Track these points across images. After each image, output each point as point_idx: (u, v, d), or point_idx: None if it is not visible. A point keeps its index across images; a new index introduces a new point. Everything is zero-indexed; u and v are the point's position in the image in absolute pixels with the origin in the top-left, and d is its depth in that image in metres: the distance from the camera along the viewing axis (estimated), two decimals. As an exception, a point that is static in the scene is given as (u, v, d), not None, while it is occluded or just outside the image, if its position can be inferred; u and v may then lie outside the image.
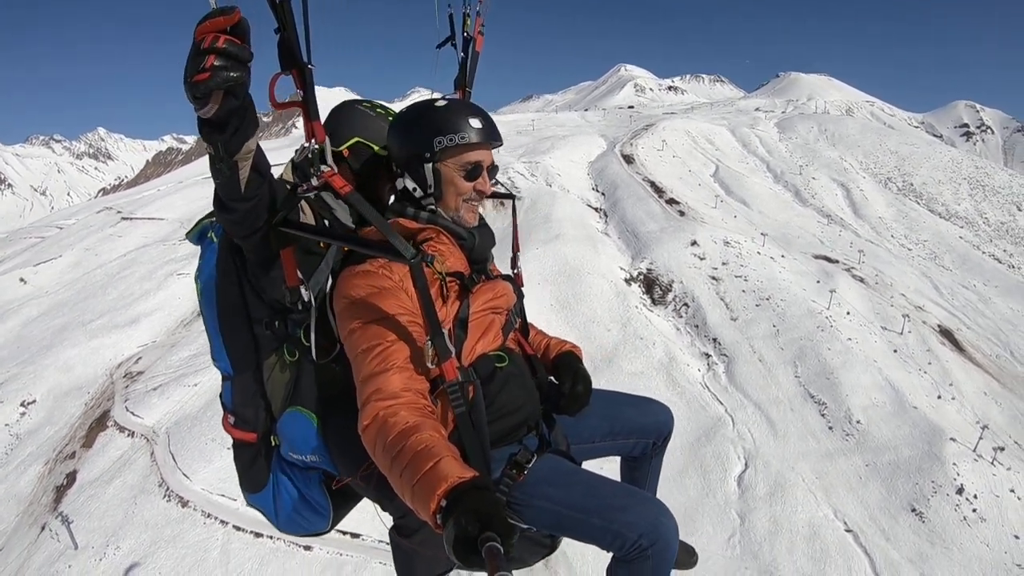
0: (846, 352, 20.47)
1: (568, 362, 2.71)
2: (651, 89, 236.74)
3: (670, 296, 26.55)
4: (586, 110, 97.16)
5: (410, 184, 2.47)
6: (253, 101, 1.88)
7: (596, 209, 36.03)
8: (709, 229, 30.40)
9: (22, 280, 40.62)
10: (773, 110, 62.39)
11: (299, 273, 2.42)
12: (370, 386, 2.10)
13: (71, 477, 25.05)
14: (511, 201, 3.11)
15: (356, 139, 2.85)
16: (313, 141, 2.21)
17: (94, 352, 26.90)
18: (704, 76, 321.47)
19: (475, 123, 2.39)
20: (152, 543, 17.05)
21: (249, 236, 2.26)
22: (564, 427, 2.66)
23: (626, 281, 27.98)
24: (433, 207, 2.48)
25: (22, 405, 30.04)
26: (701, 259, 27.89)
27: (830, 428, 17.60)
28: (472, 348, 2.34)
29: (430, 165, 2.41)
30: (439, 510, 1.77)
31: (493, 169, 2.53)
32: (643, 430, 2.84)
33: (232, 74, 1.66)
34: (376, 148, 2.84)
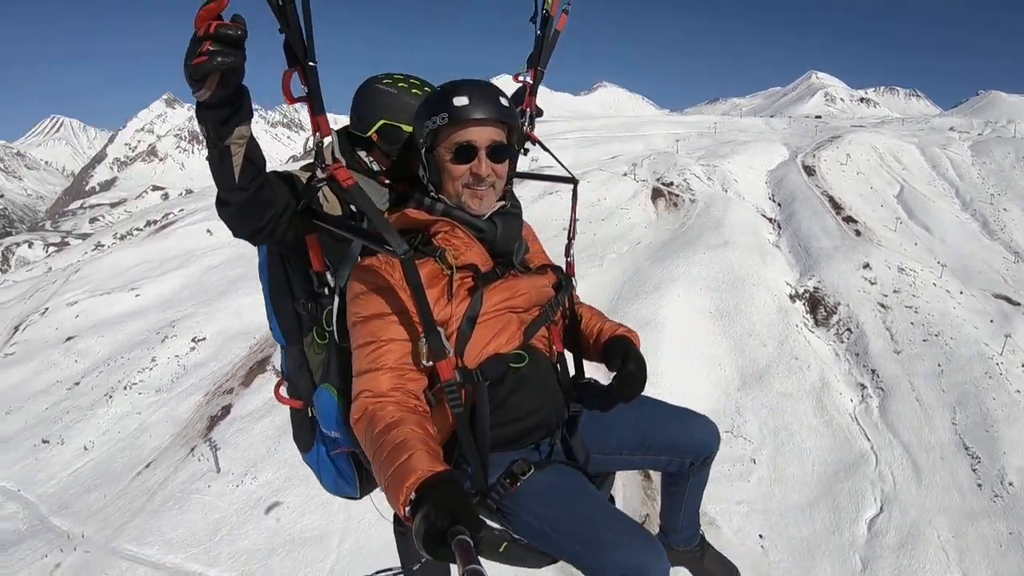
0: (1012, 405, 19.40)
1: (619, 343, 2.50)
2: (842, 99, 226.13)
3: (834, 319, 25.89)
4: (772, 116, 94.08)
5: (421, 173, 2.42)
6: (248, 93, 1.95)
7: (770, 219, 35.34)
8: (885, 253, 29.29)
9: (208, 231, 44.38)
10: (969, 131, 57.53)
11: (326, 259, 2.50)
12: (361, 383, 2.15)
13: (226, 410, 27.45)
14: (572, 186, 2.94)
15: (382, 121, 2.74)
16: (318, 135, 2.21)
17: (265, 302, 29.48)
18: (899, 89, 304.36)
19: (459, 100, 2.22)
20: (286, 479, 18.76)
21: (253, 235, 2.31)
22: (589, 435, 2.48)
23: (791, 297, 27.49)
24: (435, 196, 2.38)
25: (193, 341, 33.13)
26: (872, 284, 26.96)
27: (979, 485, 16.87)
28: (483, 348, 2.23)
29: (423, 152, 2.35)
30: (408, 503, 1.78)
31: (498, 149, 2.31)
32: (679, 448, 2.55)
33: (227, 59, 1.72)
34: (405, 127, 2.70)
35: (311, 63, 1.99)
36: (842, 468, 18.43)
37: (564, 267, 2.74)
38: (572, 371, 2.65)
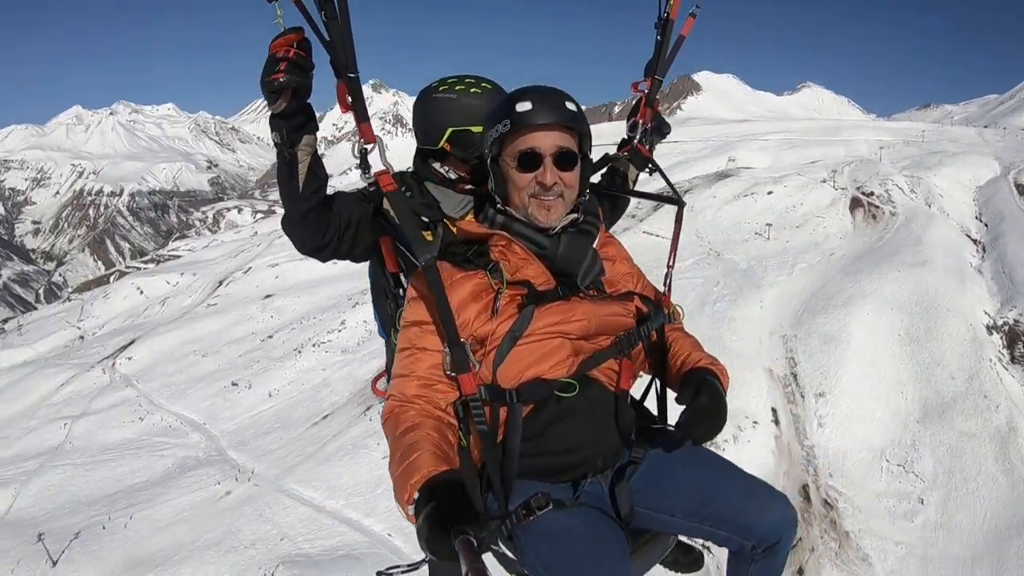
0: None
1: (695, 375, 2.21)
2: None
3: (1033, 357, 23.82)
4: (985, 127, 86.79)
5: (490, 184, 2.32)
6: (314, 111, 2.20)
7: (974, 240, 32.93)
8: (1099, 287, 26.58)
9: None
10: None
11: (400, 261, 2.58)
12: (392, 387, 2.16)
13: (404, 376, 29.08)
14: (677, 208, 2.69)
15: (449, 129, 2.67)
16: (362, 141, 2.22)
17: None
18: None
19: (521, 106, 2.13)
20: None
21: (316, 251, 2.47)
22: (643, 487, 2.20)
23: (988, 328, 25.65)
24: (502, 208, 2.29)
25: (381, 308, 35.23)
26: (1081, 322, 24.56)
27: None
28: (523, 370, 2.10)
29: (489, 161, 2.27)
30: (411, 501, 1.77)
31: (564, 156, 2.17)
32: (741, 527, 2.13)
33: (298, 79, 2.00)
34: (474, 129, 2.61)
35: (350, 75, 2.06)
36: (1015, 525, 17.20)
37: (662, 296, 2.53)
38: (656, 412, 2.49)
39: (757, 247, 34.15)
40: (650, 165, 3.05)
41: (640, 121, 3.03)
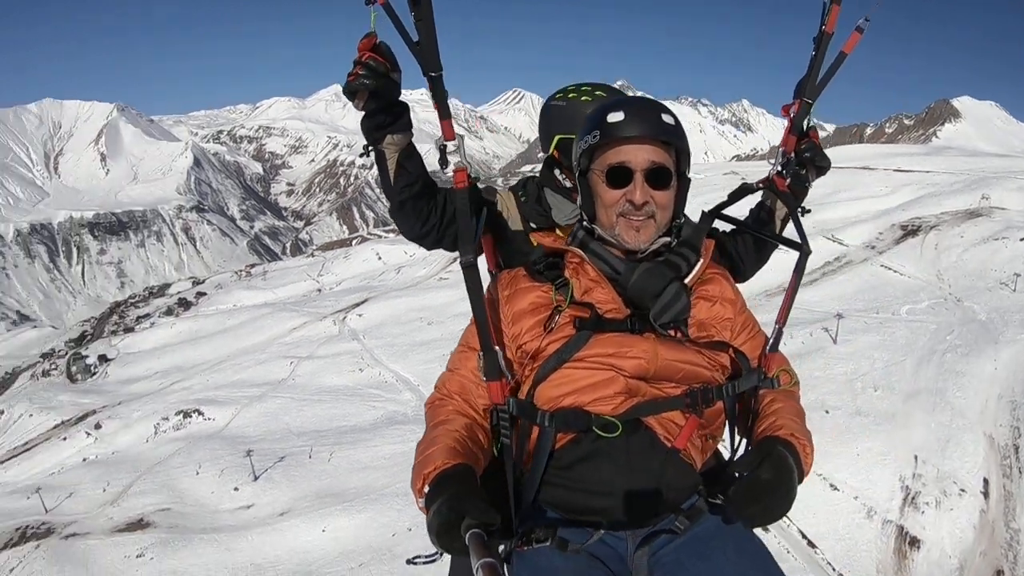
0: None
1: (767, 443, 1.90)
2: None
3: None
4: None
5: (579, 200, 2.24)
6: (408, 110, 2.28)
7: None
8: None
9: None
10: None
11: (500, 261, 2.70)
12: (440, 379, 2.21)
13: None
14: (799, 256, 2.20)
15: (557, 136, 2.72)
16: (442, 138, 2.14)
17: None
18: None
19: (613, 116, 2.00)
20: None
21: (418, 239, 2.63)
22: (670, 564, 1.88)
23: None
24: (590, 226, 2.18)
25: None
26: None
27: None
28: (563, 394, 1.98)
29: (577, 174, 2.17)
30: (422, 494, 1.75)
31: (657, 173, 2.02)
32: None
33: (367, 82, 2.04)
34: None
35: (432, 74, 1.99)
36: None
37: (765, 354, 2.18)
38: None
39: (1000, 298, 31.25)
40: (798, 203, 2.60)
41: (783, 149, 2.59)
